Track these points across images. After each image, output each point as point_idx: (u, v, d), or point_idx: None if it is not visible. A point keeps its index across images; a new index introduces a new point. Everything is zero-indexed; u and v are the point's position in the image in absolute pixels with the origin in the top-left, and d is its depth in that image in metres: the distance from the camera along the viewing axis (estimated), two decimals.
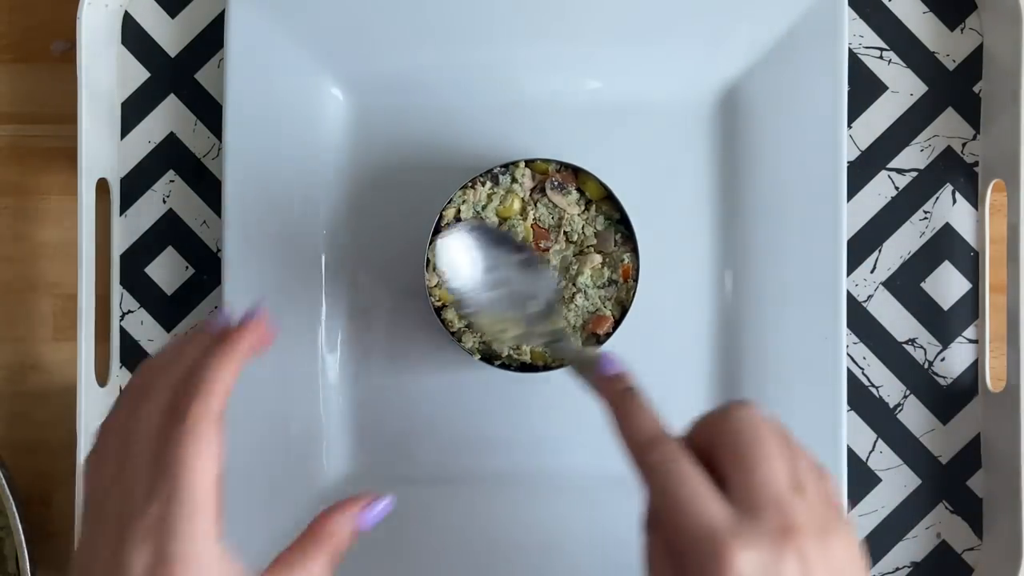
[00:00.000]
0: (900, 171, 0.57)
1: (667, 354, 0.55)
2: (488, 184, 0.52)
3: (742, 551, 0.36)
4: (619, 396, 0.41)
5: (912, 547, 0.56)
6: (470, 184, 0.51)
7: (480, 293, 0.49)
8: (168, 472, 0.36)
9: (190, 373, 0.39)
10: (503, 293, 0.49)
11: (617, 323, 0.51)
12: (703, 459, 0.39)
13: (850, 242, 0.56)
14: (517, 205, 0.52)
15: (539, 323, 0.48)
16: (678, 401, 0.55)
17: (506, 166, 0.52)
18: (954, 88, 0.57)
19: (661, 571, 0.39)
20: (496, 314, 0.49)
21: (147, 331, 0.58)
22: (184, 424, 0.37)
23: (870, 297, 0.57)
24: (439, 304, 0.51)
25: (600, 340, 0.51)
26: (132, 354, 0.58)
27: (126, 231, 0.58)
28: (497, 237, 0.49)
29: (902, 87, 0.57)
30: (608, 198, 0.51)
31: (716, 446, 0.39)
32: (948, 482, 0.56)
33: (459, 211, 0.51)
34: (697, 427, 0.40)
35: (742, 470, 0.38)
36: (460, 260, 0.48)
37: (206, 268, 0.58)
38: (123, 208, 0.58)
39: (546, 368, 0.51)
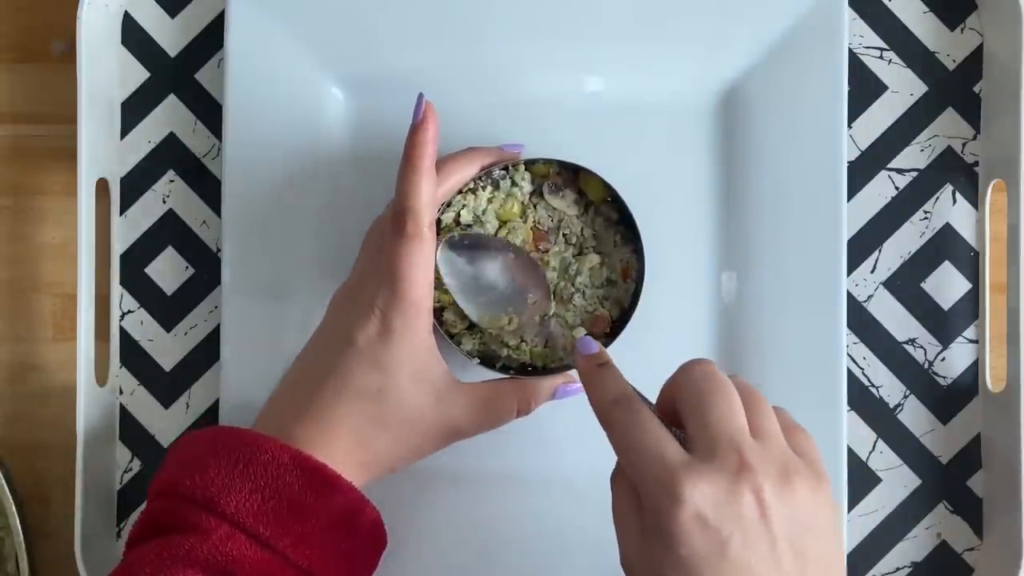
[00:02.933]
0: (900, 171, 0.57)
1: (667, 354, 0.55)
2: (488, 188, 0.51)
3: (696, 485, 0.37)
4: (592, 368, 0.44)
5: (912, 547, 0.56)
6: (470, 188, 0.51)
7: (479, 296, 0.51)
8: (389, 277, 0.46)
9: (396, 193, 0.47)
10: (501, 291, 0.51)
11: (620, 323, 0.51)
12: (671, 420, 0.41)
13: (850, 242, 0.56)
14: (517, 208, 0.52)
15: (536, 311, 0.51)
16: None
17: (506, 168, 0.52)
18: (954, 88, 0.57)
19: (626, 521, 0.40)
20: (498, 311, 0.51)
21: (147, 331, 0.58)
22: (399, 239, 0.46)
23: (870, 297, 0.57)
24: (438, 306, 0.51)
25: (599, 339, 0.51)
26: (132, 354, 0.58)
27: (126, 231, 0.58)
28: (484, 241, 0.51)
29: (902, 87, 0.57)
30: (609, 199, 0.51)
31: (677, 401, 0.41)
32: (948, 482, 0.56)
33: (459, 215, 0.51)
34: (662, 391, 0.43)
35: (697, 416, 0.39)
36: (454, 272, 0.51)
37: (206, 268, 0.58)
38: (123, 208, 0.58)
39: (545, 369, 0.51)
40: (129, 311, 0.58)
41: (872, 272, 0.57)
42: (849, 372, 0.56)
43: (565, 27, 0.55)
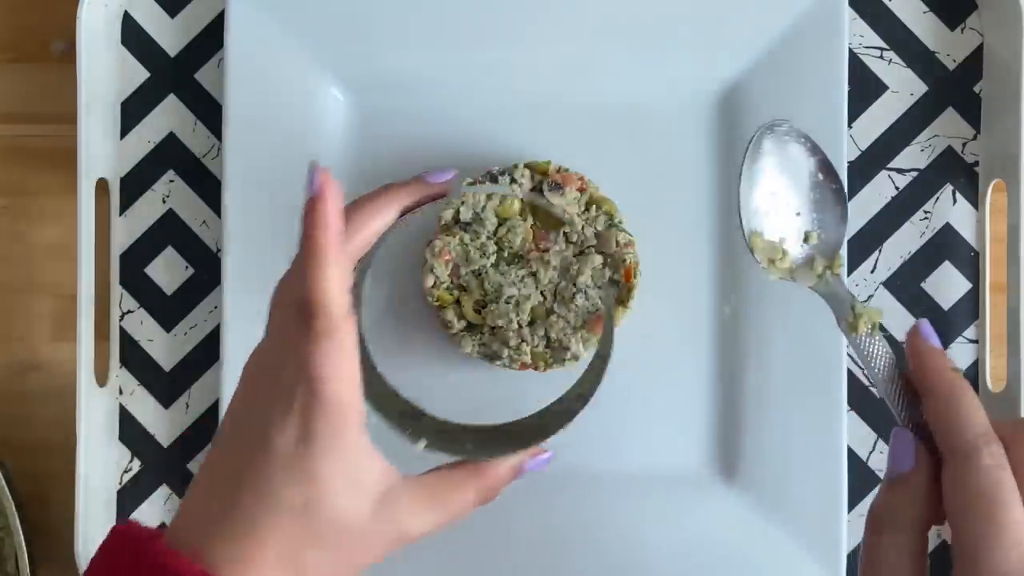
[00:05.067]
0: (900, 171, 0.57)
1: (667, 353, 0.55)
2: (487, 185, 0.51)
3: None
4: (948, 378, 0.39)
5: None
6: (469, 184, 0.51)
7: (761, 213, 0.47)
8: (305, 377, 0.38)
9: (299, 282, 0.39)
10: (786, 219, 0.46)
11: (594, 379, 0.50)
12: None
13: (850, 242, 0.56)
14: (516, 206, 0.52)
15: (818, 260, 0.46)
16: (678, 401, 0.55)
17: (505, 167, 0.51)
18: (954, 88, 0.57)
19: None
20: (773, 239, 0.47)
21: (147, 331, 0.58)
22: (310, 338, 0.38)
23: (870, 297, 0.57)
24: (438, 305, 0.51)
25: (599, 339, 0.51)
26: (132, 354, 0.58)
27: (126, 231, 0.58)
28: (794, 162, 0.47)
29: (902, 87, 0.57)
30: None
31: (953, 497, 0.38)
32: None
33: (458, 212, 0.51)
34: (1010, 431, 0.39)
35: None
36: (756, 179, 0.46)
37: (206, 268, 0.58)
38: (123, 208, 0.58)
39: (511, 435, 0.49)
40: (129, 311, 0.58)
41: (872, 272, 0.57)
42: (849, 372, 0.56)
43: (564, 27, 0.55)
